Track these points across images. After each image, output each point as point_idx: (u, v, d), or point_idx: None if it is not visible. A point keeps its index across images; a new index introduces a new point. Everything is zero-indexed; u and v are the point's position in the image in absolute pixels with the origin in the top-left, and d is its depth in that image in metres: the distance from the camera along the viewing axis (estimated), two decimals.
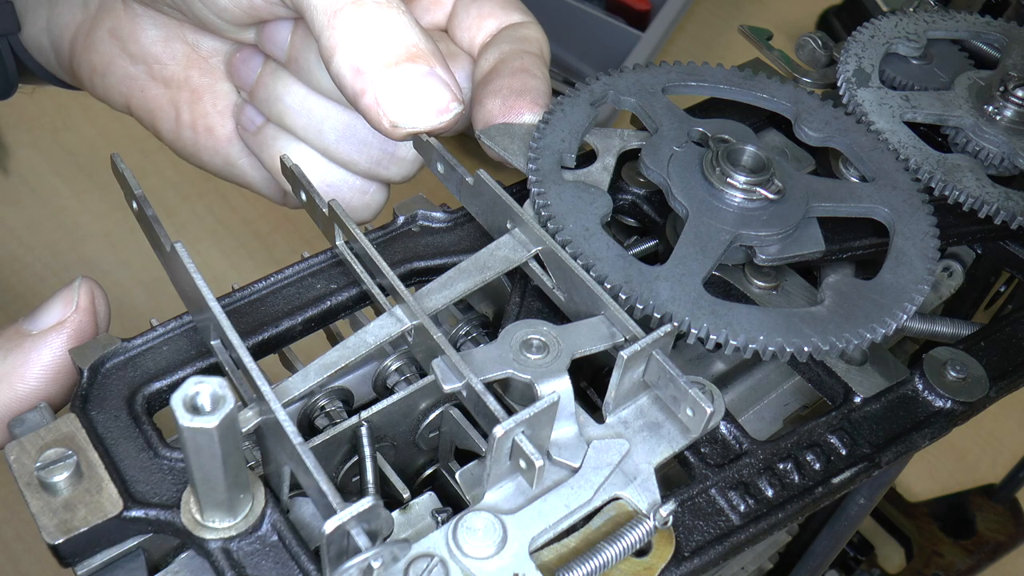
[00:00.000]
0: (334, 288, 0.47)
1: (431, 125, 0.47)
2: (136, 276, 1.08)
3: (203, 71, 0.59)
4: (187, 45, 0.59)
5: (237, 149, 0.60)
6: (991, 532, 0.98)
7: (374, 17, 0.47)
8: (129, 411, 0.41)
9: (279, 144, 0.56)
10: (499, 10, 0.56)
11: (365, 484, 0.42)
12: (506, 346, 0.40)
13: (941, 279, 0.61)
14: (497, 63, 0.53)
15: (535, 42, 0.55)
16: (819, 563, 0.60)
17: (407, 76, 0.47)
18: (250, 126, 0.58)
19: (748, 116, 0.56)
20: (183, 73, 0.59)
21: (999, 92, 0.55)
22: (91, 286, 0.44)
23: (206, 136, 0.60)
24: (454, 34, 0.57)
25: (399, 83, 0.46)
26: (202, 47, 0.59)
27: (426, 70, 0.47)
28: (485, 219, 0.48)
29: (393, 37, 0.47)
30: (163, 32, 0.58)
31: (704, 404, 0.38)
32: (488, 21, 0.56)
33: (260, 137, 0.57)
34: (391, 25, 0.47)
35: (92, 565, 0.38)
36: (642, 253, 0.52)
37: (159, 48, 0.59)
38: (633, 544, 0.38)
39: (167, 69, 0.59)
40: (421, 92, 0.47)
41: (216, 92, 0.59)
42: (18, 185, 1.16)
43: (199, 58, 0.59)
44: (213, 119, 0.60)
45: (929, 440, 0.45)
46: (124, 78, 0.60)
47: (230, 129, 0.60)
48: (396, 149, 0.55)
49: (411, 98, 0.47)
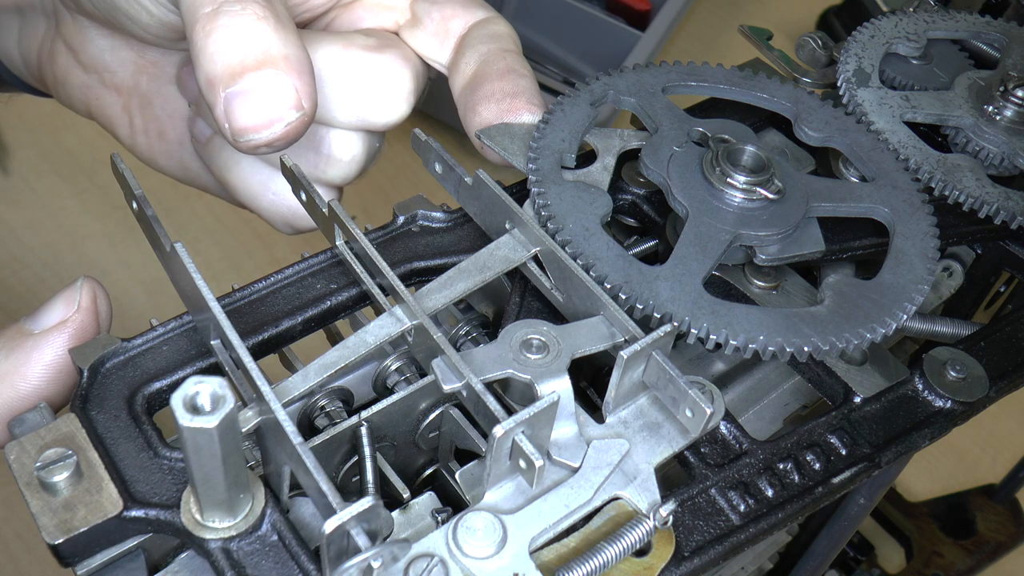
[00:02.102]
0: (334, 288, 0.47)
1: (267, 137, 0.45)
2: (136, 276, 1.08)
3: (151, 77, 0.59)
4: (134, 52, 0.59)
5: (190, 152, 0.60)
6: (991, 532, 0.98)
7: (226, 26, 0.45)
8: (129, 411, 0.41)
9: (226, 154, 0.56)
10: (461, 9, 0.55)
11: (365, 484, 0.42)
12: (506, 346, 0.40)
13: (941, 279, 0.61)
14: (480, 66, 0.53)
15: (509, 38, 0.55)
16: (819, 563, 0.60)
17: (249, 85, 0.45)
18: (201, 137, 0.58)
19: (748, 116, 0.56)
20: (132, 80, 0.60)
21: (999, 92, 0.55)
22: (93, 286, 0.44)
23: (158, 141, 0.60)
24: (419, 39, 0.56)
25: (243, 91, 0.45)
26: (148, 54, 0.59)
27: (273, 76, 0.45)
28: (483, 219, 0.48)
29: (246, 45, 0.45)
30: (110, 41, 0.59)
31: (704, 405, 0.38)
32: (453, 22, 0.55)
33: (210, 148, 0.57)
34: (246, 33, 0.45)
35: (92, 565, 0.38)
36: (642, 253, 0.52)
37: (108, 57, 0.59)
38: (633, 544, 0.38)
39: (117, 77, 0.60)
40: (260, 102, 0.45)
41: (165, 97, 0.59)
42: (18, 185, 1.16)
43: (146, 64, 0.59)
44: (164, 123, 0.60)
45: (929, 440, 0.45)
46: (81, 87, 0.61)
47: (181, 132, 0.60)
48: (329, 151, 0.54)
49: (252, 106, 0.45)
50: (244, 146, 0.46)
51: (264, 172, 0.56)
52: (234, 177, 0.56)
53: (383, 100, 0.53)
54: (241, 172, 0.56)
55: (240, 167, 0.56)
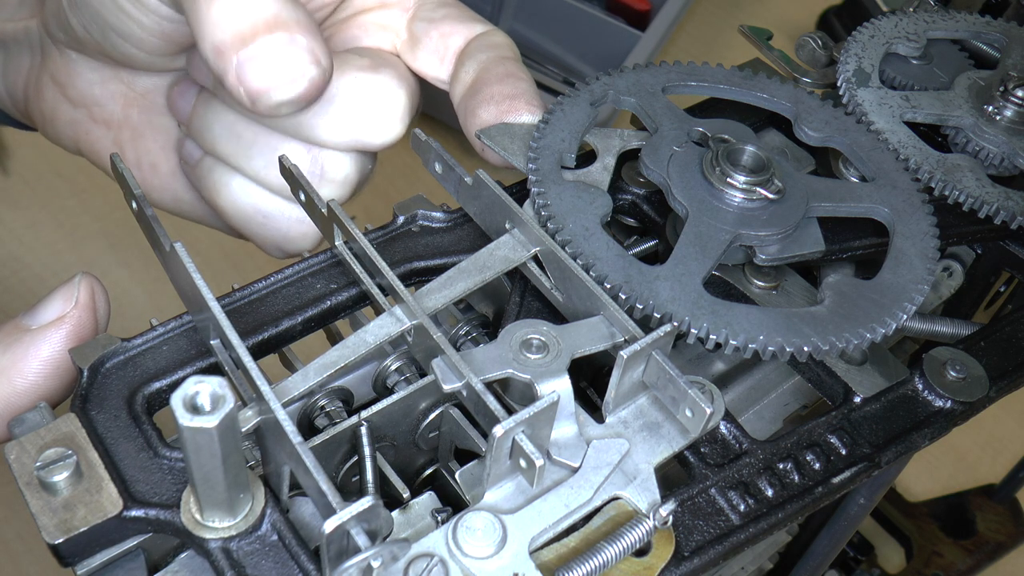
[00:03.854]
0: (334, 288, 0.47)
1: (291, 93, 0.45)
2: (136, 276, 1.08)
3: (142, 108, 0.59)
4: (124, 84, 0.58)
5: (182, 184, 0.60)
6: (991, 532, 0.98)
7: None
8: (129, 411, 0.41)
9: (215, 176, 0.55)
10: (460, 25, 0.55)
11: (365, 484, 0.42)
12: (506, 346, 0.40)
13: (941, 279, 0.61)
14: (480, 72, 0.53)
15: (507, 47, 0.55)
16: (819, 563, 0.60)
17: (264, 48, 0.44)
18: (190, 159, 0.57)
19: (748, 116, 0.56)
20: (122, 112, 0.59)
21: (999, 92, 0.55)
22: (91, 282, 0.44)
23: (151, 173, 0.60)
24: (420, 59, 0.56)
25: (256, 57, 0.44)
26: (138, 85, 0.58)
27: (286, 39, 0.45)
28: (483, 219, 0.48)
29: (253, 9, 0.44)
30: (99, 74, 0.58)
31: (704, 405, 0.38)
32: (453, 38, 0.55)
33: (199, 170, 0.56)
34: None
35: (92, 565, 0.38)
36: (642, 253, 0.52)
37: (97, 90, 0.58)
38: (633, 544, 0.38)
39: (106, 110, 0.59)
40: (279, 60, 0.45)
41: (157, 128, 0.59)
42: (18, 185, 1.16)
43: (137, 96, 0.59)
44: (156, 155, 0.59)
45: (929, 440, 0.45)
46: (69, 123, 0.60)
47: (174, 164, 0.59)
48: (321, 171, 0.53)
49: (268, 67, 0.44)
50: (263, 107, 0.46)
51: (253, 195, 0.55)
52: (223, 200, 0.56)
53: (378, 121, 0.52)
54: (230, 195, 0.55)
55: (229, 189, 0.55)
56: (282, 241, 0.56)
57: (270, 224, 0.56)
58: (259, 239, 0.57)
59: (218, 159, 0.55)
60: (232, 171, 0.55)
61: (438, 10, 0.56)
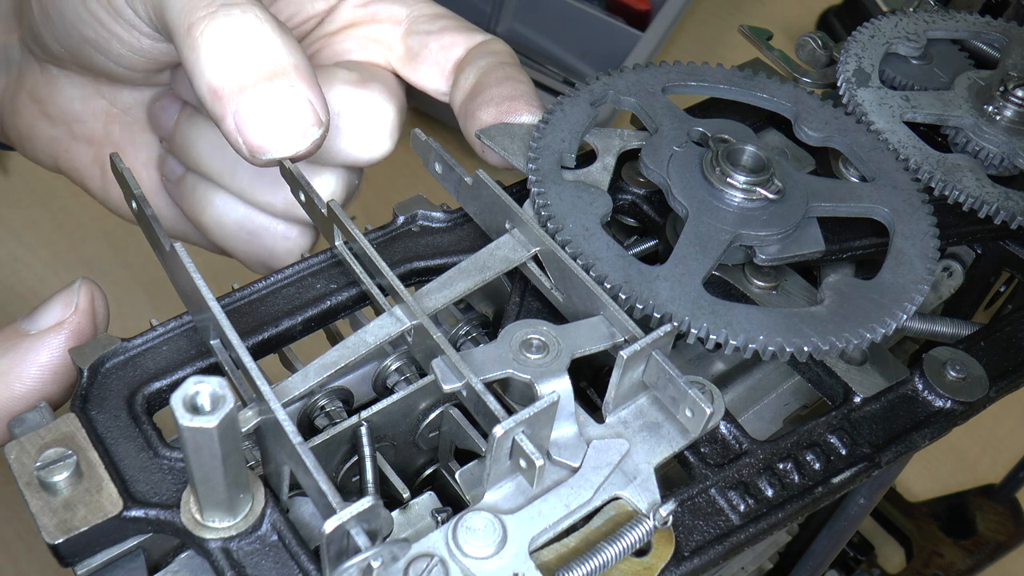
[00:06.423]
0: (334, 288, 0.47)
1: (292, 151, 0.44)
2: (136, 276, 1.08)
3: (124, 125, 0.58)
4: (105, 100, 0.57)
5: (164, 200, 0.59)
6: (991, 532, 0.98)
7: (231, 29, 0.43)
8: (129, 411, 0.41)
9: (199, 193, 0.54)
10: (459, 36, 0.55)
11: (365, 484, 0.42)
12: (506, 346, 0.40)
13: (941, 279, 0.61)
14: (480, 77, 0.52)
15: (507, 54, 0.54)
16: (819, 563, 0.60)
17: (266, 97, 0.43)
18: (172, 176, 0.56)
19: (748, 116, 0.56)
20: (104, 129, 0.58)
21: (999, 92, 0.55)
22: (91, 288, 0.44)
23: None
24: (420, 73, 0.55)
25: (258, 105, 0.43)
26: (120, 101, 0.57)
27: (288, 89, 0.43)
28: (483, 219, 0.48)
29: (252, 52, 0.43)
30: (80, 91, 0.57)
31: (704, 405, 0.38)
32: (453, 50, 0.55)
33: (182, 187, 0.56)
34: (250, 38, 0.43)
35: (92, 565, 0.38)
36: (642, 253, 0.52)
37: (78, 106, 0.57)
38: (633, 544, 0.38)
39: (87, 127, 0.58)
40: (280, 115, 0.43)
41: (138, 145, 0.58)
42: (18, 185, 1.16)
43: (118, 112, 0.58)
44: (138, 172, 0.58)
45: (929, 440, 0.45)
46: (48, 141, 0.59)
47: (156, 180, 0.58)
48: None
49: (270, 122, 0.43)
50: (261, 161, 0.45)
51: (238, 212, 0.54)
52: (207, 218, 0.55)
53: (366, 137, 0.52)
54: (214, 212, 0.55)
55: (213, 207, 0.54)
56: (268, 258, 0.55)
57: (255, 241, 0.55)
58: (244, 256, 0.56)
59: (202, 176, 0.54)
60: (216, 188, 0.54)
61: (435, 22, 0.55)
